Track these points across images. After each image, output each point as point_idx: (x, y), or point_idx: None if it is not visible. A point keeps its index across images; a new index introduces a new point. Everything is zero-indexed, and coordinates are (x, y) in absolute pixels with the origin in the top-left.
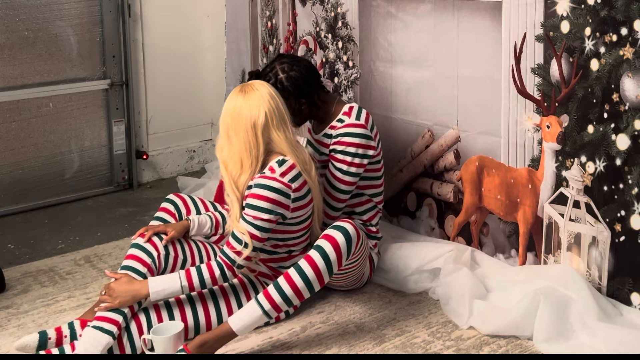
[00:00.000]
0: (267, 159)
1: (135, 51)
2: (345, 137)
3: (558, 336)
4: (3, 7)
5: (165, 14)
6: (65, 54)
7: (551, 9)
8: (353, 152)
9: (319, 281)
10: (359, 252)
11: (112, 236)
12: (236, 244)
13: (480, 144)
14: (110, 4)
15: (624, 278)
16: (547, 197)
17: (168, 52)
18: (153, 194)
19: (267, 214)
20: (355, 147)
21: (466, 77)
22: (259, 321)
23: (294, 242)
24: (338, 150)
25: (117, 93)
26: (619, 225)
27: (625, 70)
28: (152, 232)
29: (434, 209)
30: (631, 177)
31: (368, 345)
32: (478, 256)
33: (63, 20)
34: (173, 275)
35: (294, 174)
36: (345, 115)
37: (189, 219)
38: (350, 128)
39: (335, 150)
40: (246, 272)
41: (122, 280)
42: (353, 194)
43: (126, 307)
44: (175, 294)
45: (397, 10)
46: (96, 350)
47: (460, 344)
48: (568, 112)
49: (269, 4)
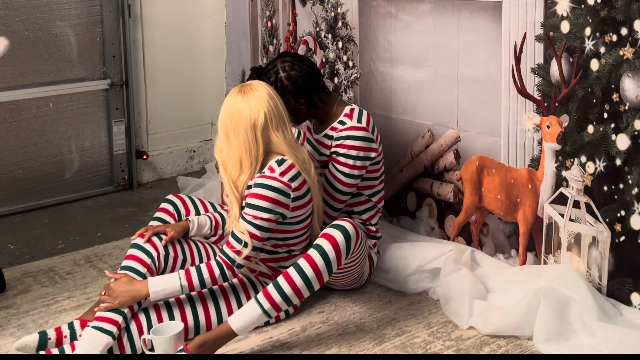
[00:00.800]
0: (266, 159)
1: (135, 51)
2: (347, 140)
3: (558, 336)
4: (3, 7)
5: (165, 14)
6: (65, 54)
7: (551, 9)
8: (355, 155)
9: (318, 280)
10: (358, 250)
11: (112, 236)
12: (236, 243)
13: (480, 144)
14: (110, 4)
15: (624, 278)
16: (547, 197)
17: (168, 52)
18: (153, 194)
19: (267, 214)
20: (357, 150)
21: (466, 77)
22: (259, 320)
23: (294, 241)
24: (340, 153)
25: (117, 93)
26: (619, 225)
27: (625, 70)
28: (151, 232)
29: (434, 209)
30: (631, 177)
31: (368, 345)
32: (478, 256)
33: (63, 20)
34: (173, 275)
35: (294, 174)
36: (347, 117)
37: (188, 219)
38: (352, 131)
39: (337, 153)
40: (246, 272)
41: (121, 281)
42: (352, 193)
43: (126, 307)
44: (175, 294)
45: (397, 10)
46: (96, 351)
47: (460, 344)
48: (568, 112)
49: (269, 4)
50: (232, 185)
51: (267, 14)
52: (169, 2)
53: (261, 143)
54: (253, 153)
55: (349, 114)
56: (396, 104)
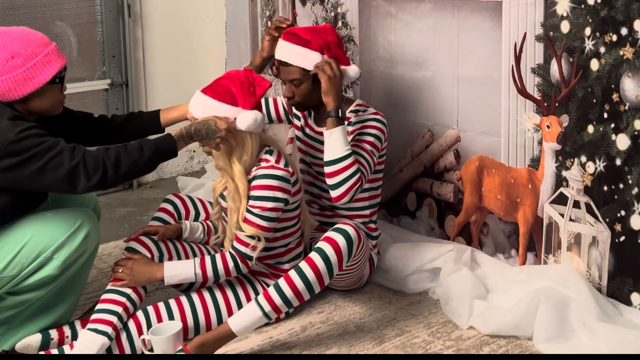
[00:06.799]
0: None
1: (135, 51)
2: (373, 122)
3: (558, 336)
4: (3, 7)
5: (165, 14)
6: (65, 54)
7: (551, 9)
8: (380, 137)
9: (319, 283)
10: (360, 254)
11: (112, 236)
12: (249, 239)
13: (480, 144)
14: (110, 4)
15: (624, 278)
16: (547, 197)
17: (168, 52)
18: (153, 194)
19: (273, 203)
20: (381, 132)
21: (466, 77)
22: (259, 322)
23: (291, 230)
24: (371, 134)
25: (117, 93)
26: (619, 225)
27: (625, 70)
28: (141, 231)
29: (434, 209)
30: (631, 177)
31: (368, 345)
32: (478, 256)
33: (63, 20)
34: (188, 262)
35: (285, 160)
36: (363, 106)
37: (181, 222)
38: (377, 116)
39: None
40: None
41: (140, 261)
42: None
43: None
44: (188, 280)
45: (397, 10)
46: (91, 352)
47: (460, 344)
48: (568, 112)
49: (269, 4)
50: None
51: (267, 14)
52: (169, 2)
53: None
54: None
55: (362, 104)
56: (396, 104)
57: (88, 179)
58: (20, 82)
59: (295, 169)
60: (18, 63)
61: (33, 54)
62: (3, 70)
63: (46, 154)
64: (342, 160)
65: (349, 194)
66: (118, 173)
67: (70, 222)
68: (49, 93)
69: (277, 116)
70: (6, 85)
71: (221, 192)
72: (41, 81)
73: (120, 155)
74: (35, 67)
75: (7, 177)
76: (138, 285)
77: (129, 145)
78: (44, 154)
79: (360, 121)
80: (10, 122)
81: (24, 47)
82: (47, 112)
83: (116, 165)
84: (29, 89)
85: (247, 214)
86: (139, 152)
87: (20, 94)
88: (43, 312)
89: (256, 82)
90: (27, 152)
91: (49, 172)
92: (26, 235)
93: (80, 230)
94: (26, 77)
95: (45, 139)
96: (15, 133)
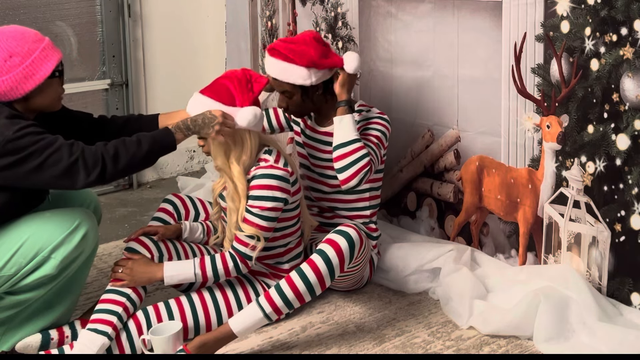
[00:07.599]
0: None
1: (135, 51)
2: (379, 119)
3: (558, 336)
4: (3, 7)
5: (165, 14)
6: (66, 54)
7: (551, 9)
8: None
9: (320, 285)
10: (361, 256)
11: (112, 236)
12: (248, 239)
13: (480, 144)
14: (110, 4)
15: (624, 278)
16: (547, 197)
17: (168, 52)
18: (153, 194)
19: (273, 202)
20: (386, 129)
21: (466, 77)
22: (260, 323)
23: (290, 230)
24: (378, 129)
25: (117, 93)
26: (619, 225)
27: (625, 70)
28: (141, 231)
29: (434, 209)
30: (631, 177)
31: (368, 345)
32: (478, 256)
33: (63, 20)
34: (188, 262)
35: (284, 159)
36: (365, 106)
37: (181, 223)
38: (383, 115)
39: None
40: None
41: (140, 261)
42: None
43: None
44: (188, 280)
45: (397, 10)
46: (91, 352)
47: (460, 344)
48: (568, 112)
49: (269, 4)
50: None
51: (267, 14)
52: (169, 2)
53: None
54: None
55: (365, 105)
56: (396, 104)
57: (87, 174)
58: (22, 80)
59: (295, 169)
60: (16, 62)
61: (30, 51)
62: (2, 70)
63: (45, 150)
64: (352, 143)
65: (357, 177)
66: (117, 167)
67: (68, 221)
68: (50, 88)
69: (278, 125)
70: (7, 84)
71: (220, 192)
72: (42, 77)
73: (118, 150)
74: (34, 64)
75: (7, 175)
76: (138, 285)
77: (127, 140)
78: (42, 151)
79: (365, 119)
80: (8, 121)
81: (20, 45)
82: (47, 108)
83: (115, 160)
84: (31, 86)
85: (247, 213)
86: (137, 145)
87: (22, 92)
88: (43, 312)
89: (254, 79)
90: (25, 150)
91: (48, 168)
92: (24, 234)
93: (79, 229)
94: (26, 75)
95: (44, 136)
96: (13, 131)
